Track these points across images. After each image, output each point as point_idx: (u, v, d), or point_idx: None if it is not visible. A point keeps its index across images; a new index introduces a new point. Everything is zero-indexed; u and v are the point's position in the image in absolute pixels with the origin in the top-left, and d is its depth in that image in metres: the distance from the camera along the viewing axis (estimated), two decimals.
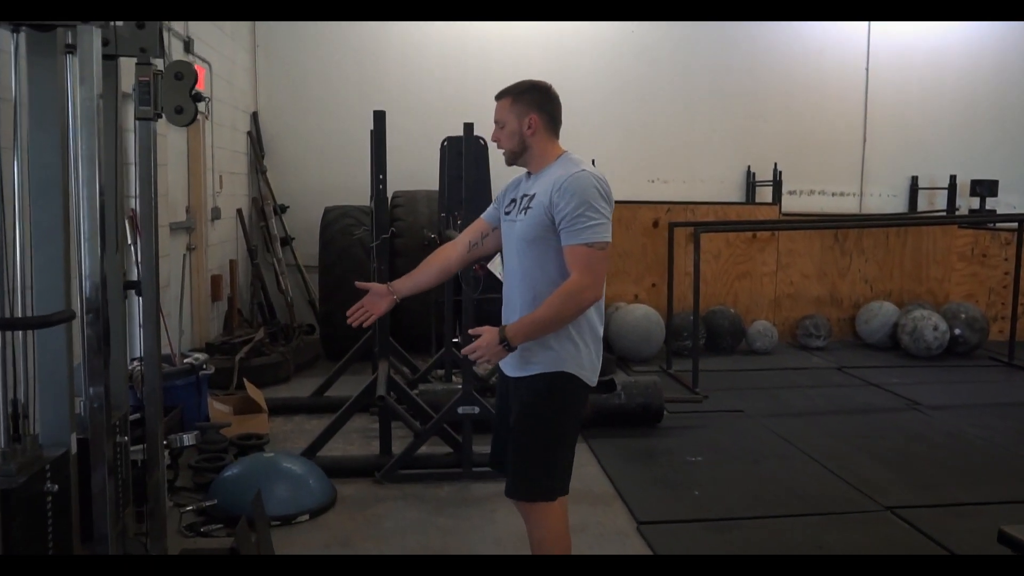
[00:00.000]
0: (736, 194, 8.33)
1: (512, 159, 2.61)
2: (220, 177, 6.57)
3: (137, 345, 3.03)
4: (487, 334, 2.38)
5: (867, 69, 8.29)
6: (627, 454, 4.58)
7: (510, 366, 2.55)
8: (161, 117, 2.69)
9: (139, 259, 2.87)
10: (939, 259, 7.97)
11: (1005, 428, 5.13)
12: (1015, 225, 7.02)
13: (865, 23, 8.20)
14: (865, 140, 8.40)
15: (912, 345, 7.10)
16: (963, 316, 7.24)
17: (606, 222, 2.41)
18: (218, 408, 4.68)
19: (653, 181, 8.18)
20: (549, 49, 7.76)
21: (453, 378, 5.45)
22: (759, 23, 8.05)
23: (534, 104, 2.56)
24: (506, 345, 2.36)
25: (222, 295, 6.60)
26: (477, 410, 4.09)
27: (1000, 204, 8.27)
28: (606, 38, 7.86)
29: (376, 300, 2.71)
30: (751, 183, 8.32)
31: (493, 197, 3.06)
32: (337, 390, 5.34)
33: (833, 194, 8.41)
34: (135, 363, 3.45)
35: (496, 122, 2.60)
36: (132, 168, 3.20)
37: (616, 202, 7.83)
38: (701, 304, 6.89)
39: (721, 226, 7.22)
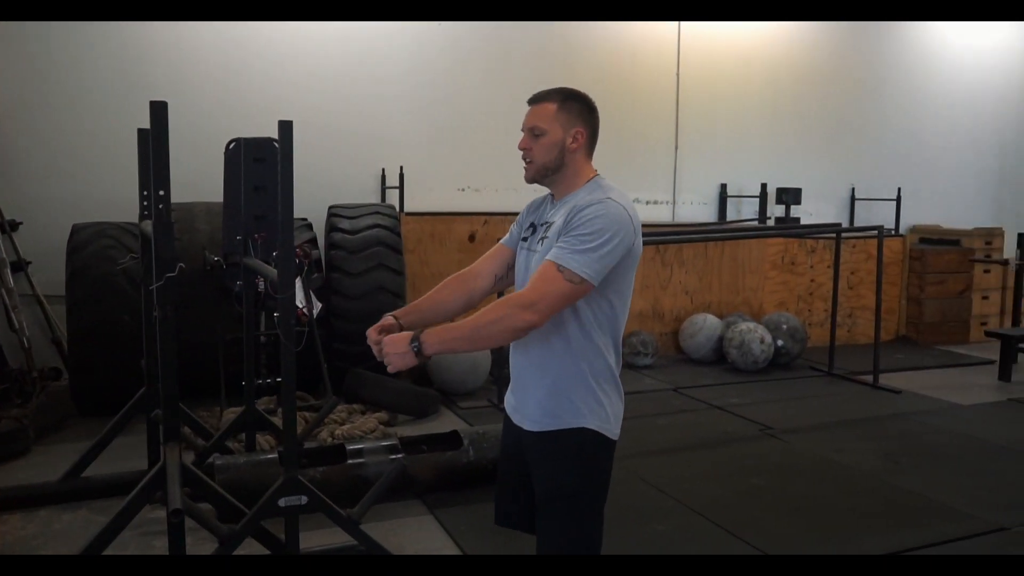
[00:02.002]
0: None
1: (540, 176, 2.24)
2: None
3: None
4: (393, 337, 2.07)
5: (677, 74, 8.03)
6: (484, 523, 3.77)
7: (523, 415, 2.26)
8: None
9: None
10: (753, 268, 7.87)
11: (866, 451, 4.88)
12: (831, 234, 6.99)
13: (676, 23, 7.93)
14: (677, 147, 8.14)
15: (740, 359, 6.86)
16: (785, 327, 7.12)
17: (596, 257, 2.04)
18: None
19: (463, 190, 7.42)
20: (348, 43, 6.76)
21: (259, 443, 4.35)
22: (573, 23, 7.53)
23: (582, 115, 2.23)
24: (416, 349, 2.02)
25: None
26: (305, 500, 3.09)
27: (801, 211, 8.33)
28: (412, 34, 6.99)
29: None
30: None
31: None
32: (101, 466, 4.08)
33: (648, 202, 8.08)
34: None
35: (531, 129, 2.23)
36: None
37: (428, 214, 6.96)
38: None
39: None
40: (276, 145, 4.29)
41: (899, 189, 8.70)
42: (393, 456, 4.01)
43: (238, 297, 4.18)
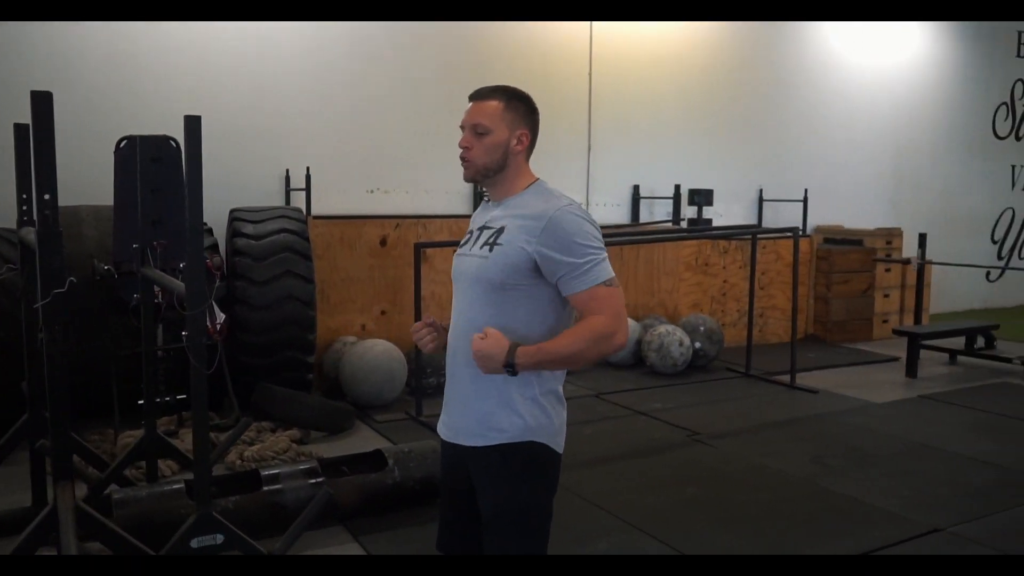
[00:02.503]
0: (464, 206, 7.53)
1: (480, 176, 2.13)
2: None
3: None
4: (495, 340, 1.95)
5: (590, 74, 7.93)
6: (414, 549, 3.50)
7: (465, 432, 2.12)
8: None
9: None
10: (668, 270, 7.84)
11: (794, 454, 4.84)
12: (748, 235, 7.00)
13: (588, 24, 7.82)
14: (590, 148, 8.04)
15: (659, 362, 6.79)
16: (702, 329, 7.09)
17: (607, 256, 2.05)
18: None
19: (373, 192, 7.09)
20: (248, 40, 6.34)
21: (161, 471, 3.95)
22: (487, 23, 7.31)
23: (527, 117, 2.15)
24: (510, 367, 1.94)
25: None
26: (221, 539, 2.77)
27: (712, 213, 8.35)
28: (316, 30, 6.62)
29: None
30: (479, 193, 7.56)
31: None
32: None
33: None
34: None
35: (473, 127, 2.11)
36: None
37: (337, 217, 6.63)
38: None
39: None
40: (175, 144, 3.96)
41: (806, 190, 8.84)
42: (313, 480, 3.70)
43: (135, 310, 3.78)
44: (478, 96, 2.14)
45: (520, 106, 2.13)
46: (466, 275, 2.12)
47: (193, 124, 2.63)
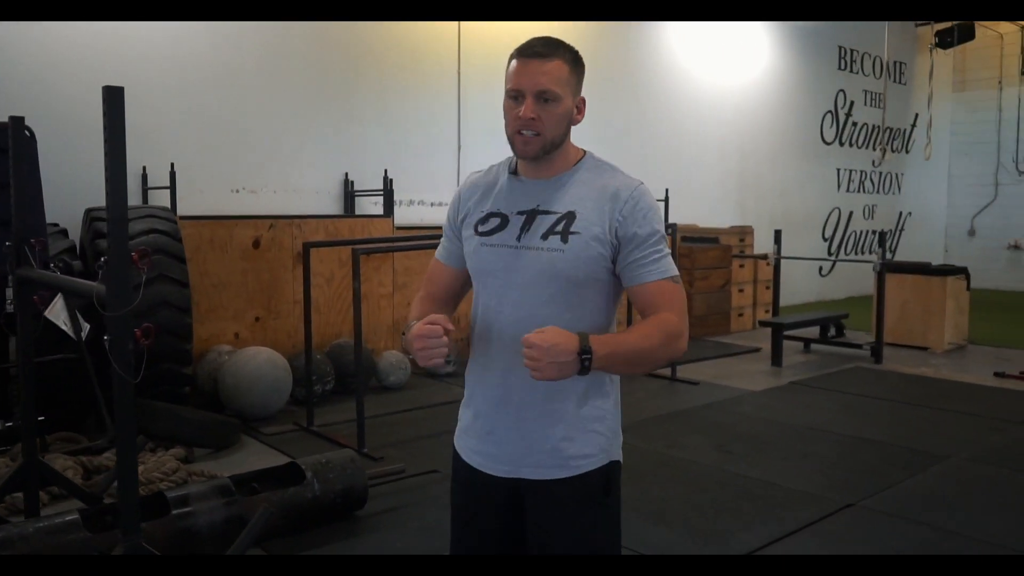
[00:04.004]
0: (335, 205, 7.22)
1: (544, 153, 1.74)
2: None
3: None
4: (556, 335, 1.55)
5: (459, 72, 7.82)
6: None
7: (529, 464, 1.77)
8: None
9: None
10: None
11: (697, 444, 4.94)
12: None
13: (456, 23, 7.71)
14: (460, 147, 7.92)
15: None
16: None
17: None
18: None
19: (238, 191, 6.66)
20: (97, 33, 5.77)
21: (43, 504, 3.46)
22: (356, 23, 7.05)
23: (581, 81, 1.78)
24: (586, 361, 1.56)
25: None
26: None
27: None
28: (174, 24, 6.12)
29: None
30: (350, 192, 7.27)
31: None
32: None
33: (432, 204, 7.78)
34: None
35: (541, 93, 1.69)
36: None
37: (206, 218, 6.21)
38: (317, 338, 5.93)
39: (378, 242, 6.15)
40: (29, 132, 3.53)
41: (667, 190, 9.12)
42: (227, 500, 3.36)
43: (9, 318, 3.31)
44: (535, 53, 1.71)
45: (582, 69, 1.77)
46: (525, 271, 1.74)
47: (115, 96, 2.29)
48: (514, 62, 1.73)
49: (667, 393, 6.26)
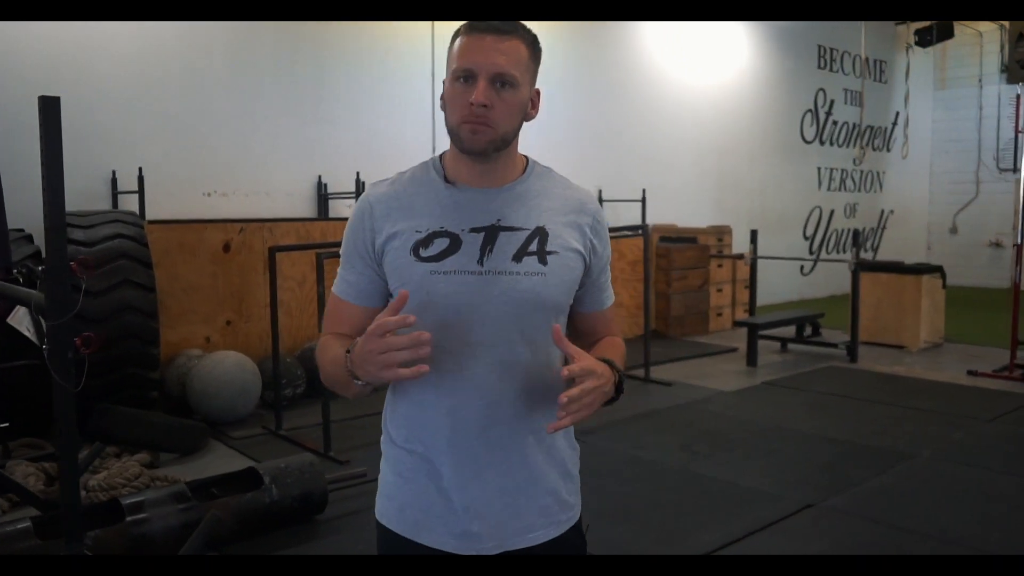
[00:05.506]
0: (308, 208, 7.21)
1: (493, 148, 1.45)
2: None
3: None
4: (598, 366, 1.38)
5: (432, 74, 7.82)
6: None
7: (517, 531, 1.52)
8: None
9: None
10: None
11: (664, 444, 4.95)
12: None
13: (429, 23, 7.71)
14: (434, 150, 7.92)
15: None
16: None
17: None
18: None
19: (209, 195, 6.64)
20: (60, 31, 5.75)
21: (3, 510, 3.45)
22: (327, 23, 7.04)
23: (537, 71, 1.53)
24: (620, 389, 1.47)
25: None
26: None
27: None
28: (141, 23, 6.11)
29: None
30: (323, 195, 7.27)
31: None
32: None
33: None
34: None
35: (498, 76, 1.42)
36: None
37: (175, 222, 6.20)
38: (289, 341, 6.00)
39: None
40: None
41: (644, 190, 9.15)
42: (182, 506, 3.36)
43: None
44: (492, 28, 1.44)
45: (539, 56, 1.52)
46: (499, 301, 1.44)
47: (50, 105, 2.29)
48: (462, 38, 1.45)
49: (639, 394, 6.27)
